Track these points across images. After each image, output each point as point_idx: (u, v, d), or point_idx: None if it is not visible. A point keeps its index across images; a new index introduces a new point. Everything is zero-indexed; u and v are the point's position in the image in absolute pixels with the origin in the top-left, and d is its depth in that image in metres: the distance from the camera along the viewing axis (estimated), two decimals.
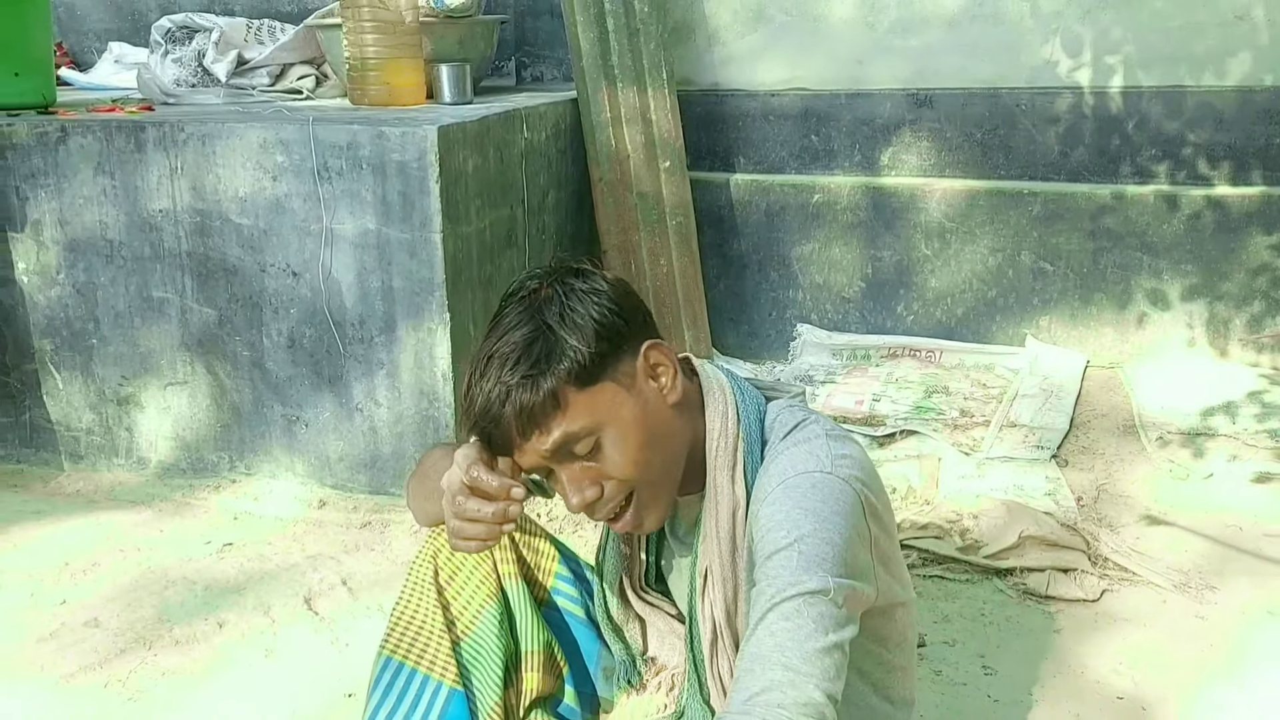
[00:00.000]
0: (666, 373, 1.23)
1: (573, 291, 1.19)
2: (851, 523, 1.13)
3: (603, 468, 1.18)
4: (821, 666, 1.03)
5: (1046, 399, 3.12)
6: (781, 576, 1.07)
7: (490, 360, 1.15)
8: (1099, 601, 2.18)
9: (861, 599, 1.14)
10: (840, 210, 3.48)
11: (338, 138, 2.44)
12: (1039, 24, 3.30)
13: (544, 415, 1.14)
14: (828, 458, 1.18)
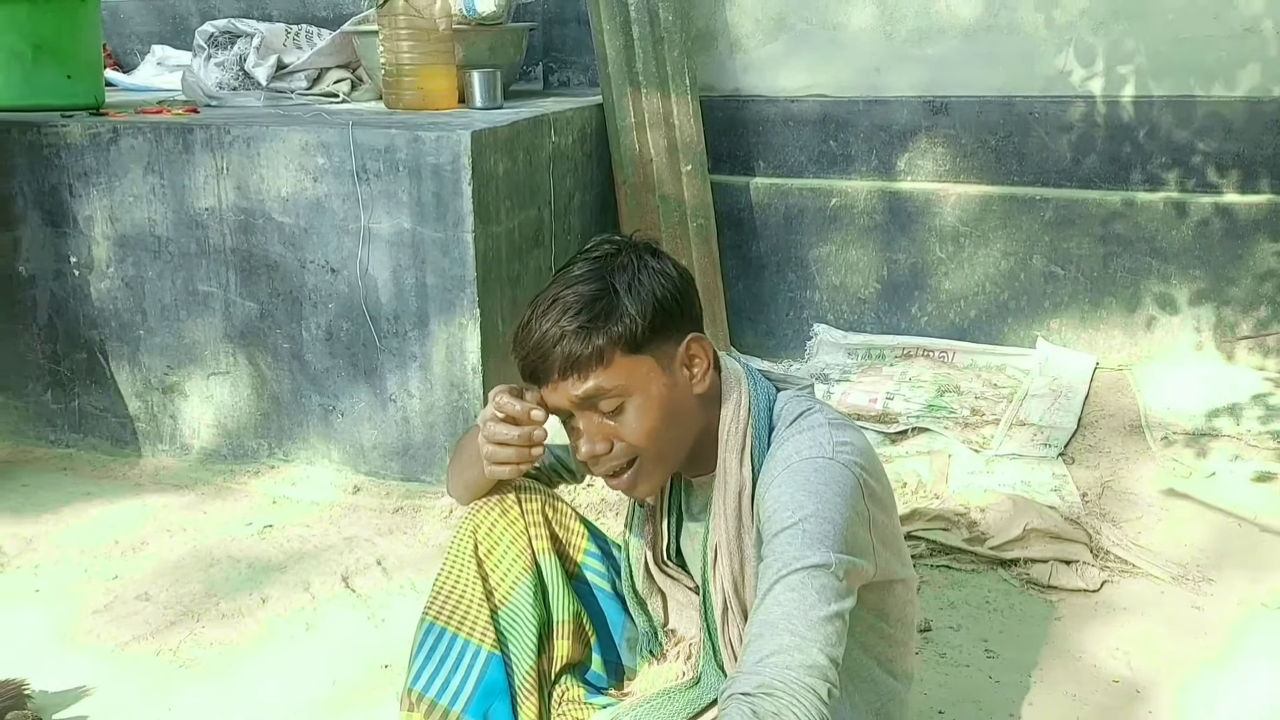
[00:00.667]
0: (700, 366, 1.34)
1: (645, 266, 1.30)
2: (851, 503, 1.24)
3: (619, 429, 1.30)
4: (824, 633, 1.13)
5: (1055, 399, 3.21)
6: (787, 552, 1.18)
7: (555, 303, 1.27)
8: (1099, 592, 2.28)
9: (861, 573, 1.24)
10: (857, 214, 3.58)
11: (376, 141, 2.56)
12: (1053, 34, 3.39)
13: (586, 365, 1.25)
14: (829, 444, 1.28)
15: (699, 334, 1.34)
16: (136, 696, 1.92)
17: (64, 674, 1.97)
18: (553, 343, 1.26)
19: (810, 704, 1.08)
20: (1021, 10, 3.40)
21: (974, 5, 3.44)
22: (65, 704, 1.89)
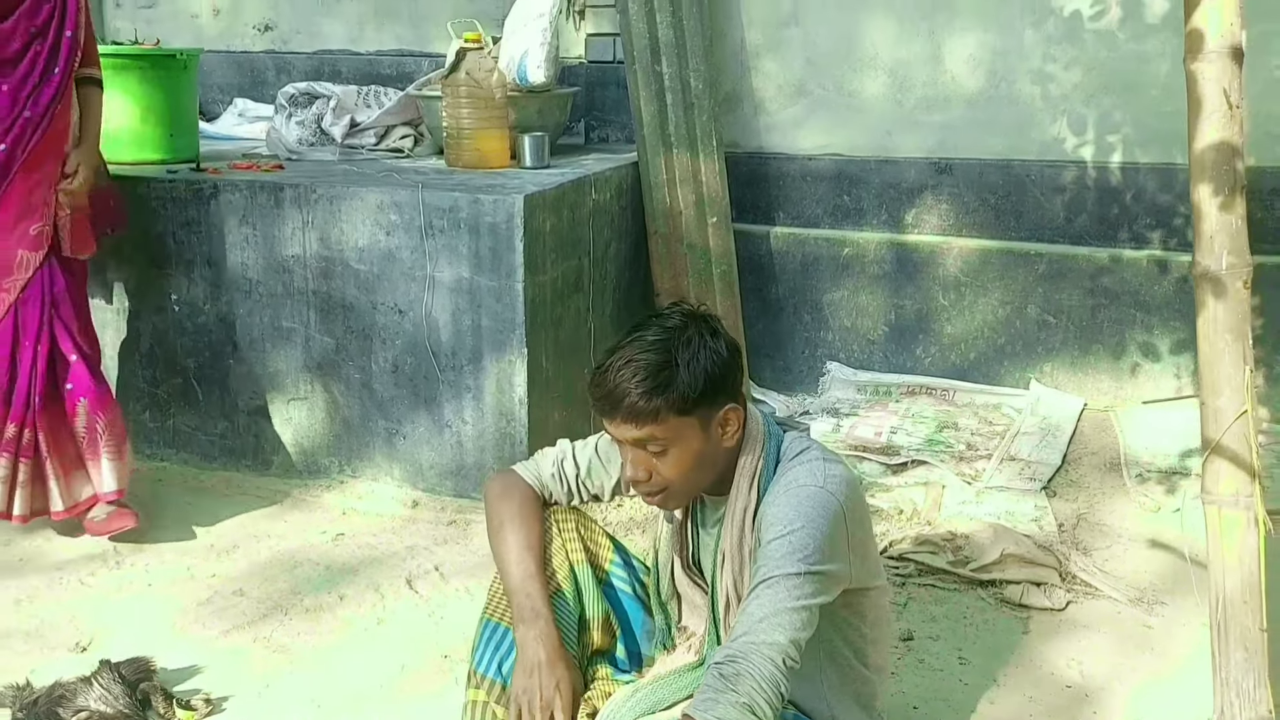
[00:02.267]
0: (732, 429, 1.67)
1: (704, 345, 1.61)
2: (832, 523, 1.59)
3: (659, 465, 1.64)
4: (788, 620, 1.49)
5: (1044, 436, 3.53)
6: (772, 559, 1.53)
7: (629, 364, 1.57)
8: (1064, 611, 2.60)
9: (836, 578, 1.59)
10: (868, 262, 3.93)
11: (442, 202, 2.95)
12: (1048, 105, 3.74)
13: (643, 419, 1.59)
14: (821, 476, 1.63)
15: (736, 405, 1.66)
16: (238, 676, 2.29)
17: (178, 655, 2.35)
18: (621, 396, 1.59)
19: (766, 669, 1.44)
20: (1020, 83, 3.75)
21: (977, 77, 3.79)
22: (182, 680, 2.27)
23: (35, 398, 2.70)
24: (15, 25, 2.61)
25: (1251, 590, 1.71)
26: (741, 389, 1.70)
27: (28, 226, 2.66)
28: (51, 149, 2.68)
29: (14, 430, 2.70)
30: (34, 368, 2.69)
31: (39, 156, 2.65)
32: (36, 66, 2.63)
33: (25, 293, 2.68)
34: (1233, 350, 1.70)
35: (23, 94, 2.62)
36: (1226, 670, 1.73)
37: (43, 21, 2.64)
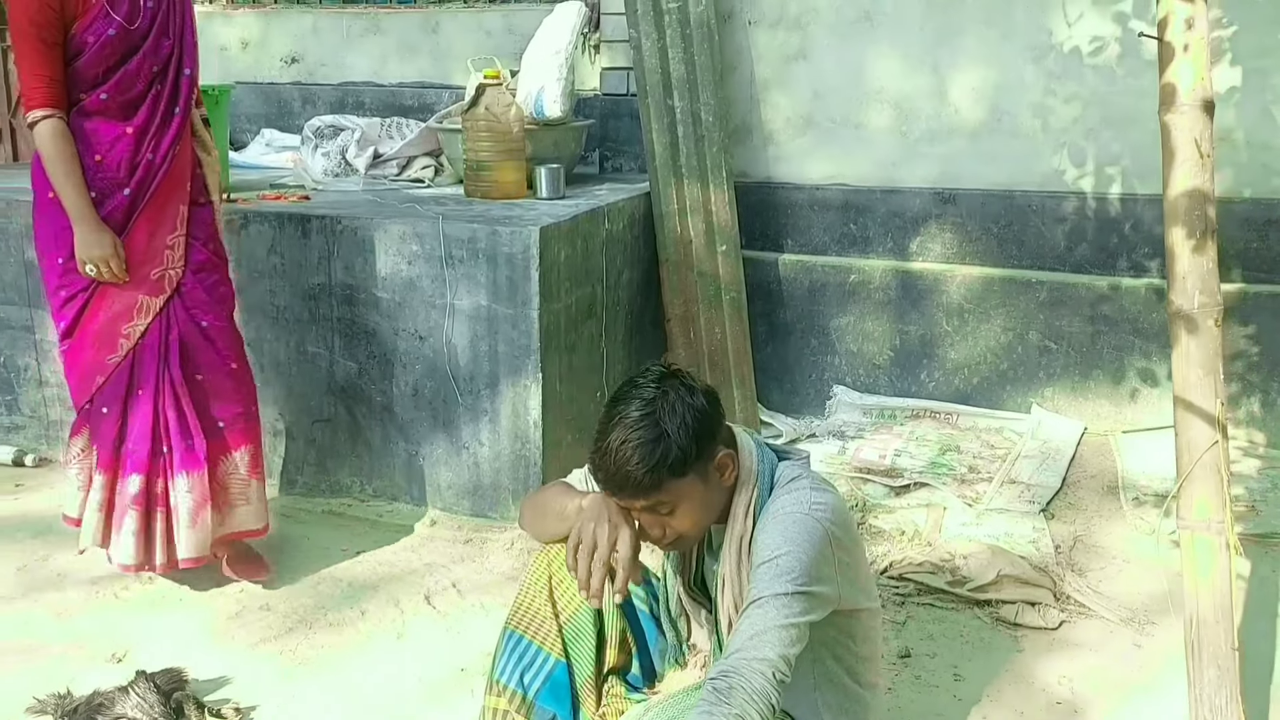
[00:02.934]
0: (729, 470, 1.79)
1: (688, 407, 1.71)
2: (819, 548, 1.70)
3: (670, 521, 1.76)
4: (778, 637, 1.60)
5: (1044, 460, 3.63)
6: (762, 581, 1.65)
7: (624, 444, 1.68)
8: (1057, 630, 2.70)
9: (824, 598, 1.70)
10: (873, 289, 4.04)
11: (461, 233, 3.08)
12: (1049, 138, 3.85)
13: (648, 491, 1.71)
14: (808, 504, 1.75)
15: (728, 449, 1.78)
16: (266, 686, 2.41)
17: (209, 666, 2.47)
18: (625, 478, 1.70)
19: (757, 682, 1.55)
20: (1021, 116, 3.86)
21: (980, 110, 3.91)
22: (212, 689, 2.40)
23: (166, 448, 2.64)
24: (140, 65, 2.54)
25: (1223, 611, 1.81)
26: (727, 429, 1.81)
27: (149, 271, 2.60)
28: (172, 192, 2.62)
29: (141, 482, 2.63)
30: (158, 416, 2.63)
31: (160, 200, 2.60)
32: (158, 108, 2.58)
33: (145, 339, 2.63)
34: (1204, 384, 1.81)
35: (146, 137, 2.56)
36: (1200, 687, 1.83)
37: (164, 60, 2.58)
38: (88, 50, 2.46)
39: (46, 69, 2.44)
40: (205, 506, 2.68)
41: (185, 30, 2.62)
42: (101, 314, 2.61)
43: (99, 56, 2.47)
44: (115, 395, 2.64)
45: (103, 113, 2.52)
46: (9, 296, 3.59)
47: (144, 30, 2.52)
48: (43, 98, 2.45)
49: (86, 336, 2.63)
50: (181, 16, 2.61)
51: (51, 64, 2.44)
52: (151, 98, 2.56)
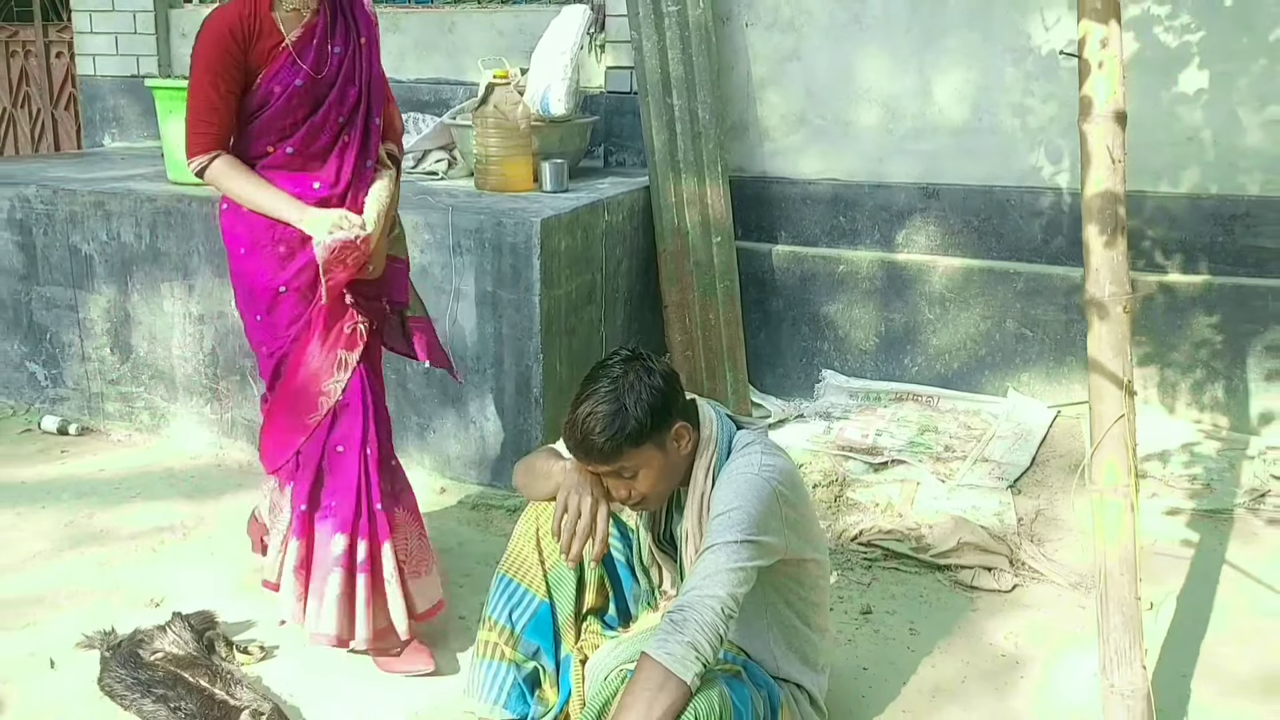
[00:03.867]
0: (684, 440, 2.03)
1: (645, 384, 1.95)
2: (766, 504, 1.95)
3: (634, 484, 2.01)
4: (727, 578, 1.85)
5: (1016, 440, 3.86)
6: (715, 531, 1.90)
7: (590, 416, 1.94)
8: (1010, 593, 2.94)
9: (770, 547, 1.95)
10: (861, 279, 4.27)
11: (469, 224, 3.34)
12: (1027, 136, 4.06)
13: (610, 457, 1.96)
14: (758, 465, 1.99)
15: (684, 422, 2.02)
16: (286, 630, 2.68)
17: (236, 611, 2.75)
18: (590, 445, 1.96)
19: (707, 616, 1.80)
20: (1001, 115, 4.08)
21: (962, 109, 4.12)
22: (240, 630, 2.68)
23: (368, 505, 2.46)
24: (326, 115, 2.38)
25: (1127, 565, 2.04)
26: (684, 405, 2.04)
27: (343, 326, 2.45)
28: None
29: (344, 542, 2.44)
30: (364, 475, 2.46)
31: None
32: (346, 158, 2.41)
33: (345, 396, 2.46)
34: (1114, 363, 2.04)
35: (335, 188, 2.40)
36: (1107, 632, 2.07)
37: (350, 109, 2.41)
38: (274, 101, 2.33)
39: (215, 117, 2.31)
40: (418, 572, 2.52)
41: (372, 78, 2.45)
42: (301, 371, 2.45)
43: (286, 108, 2.33)
44: (312, 455, 2.47)
45: (288, 167, 2.39)
46: (55, 278, 3.89)
47: (331, 78, 2.37)
48: (204, 143, 2.32)
49: (285, 396, 2.48)
50: (368, 61, 2.44)
51: (221, 113, 2.31)
52: (339, 149, 2.41)
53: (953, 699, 2.46)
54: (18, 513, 3.28)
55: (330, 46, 2.37)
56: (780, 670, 2.11)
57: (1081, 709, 2.39)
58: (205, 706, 2.28)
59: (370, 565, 2.45)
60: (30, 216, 3.87)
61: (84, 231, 3.80)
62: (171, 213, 3.67)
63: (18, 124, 6.00)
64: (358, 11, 2.45)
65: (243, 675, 2.45)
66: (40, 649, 2.58)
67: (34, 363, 4.02)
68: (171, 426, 3.86)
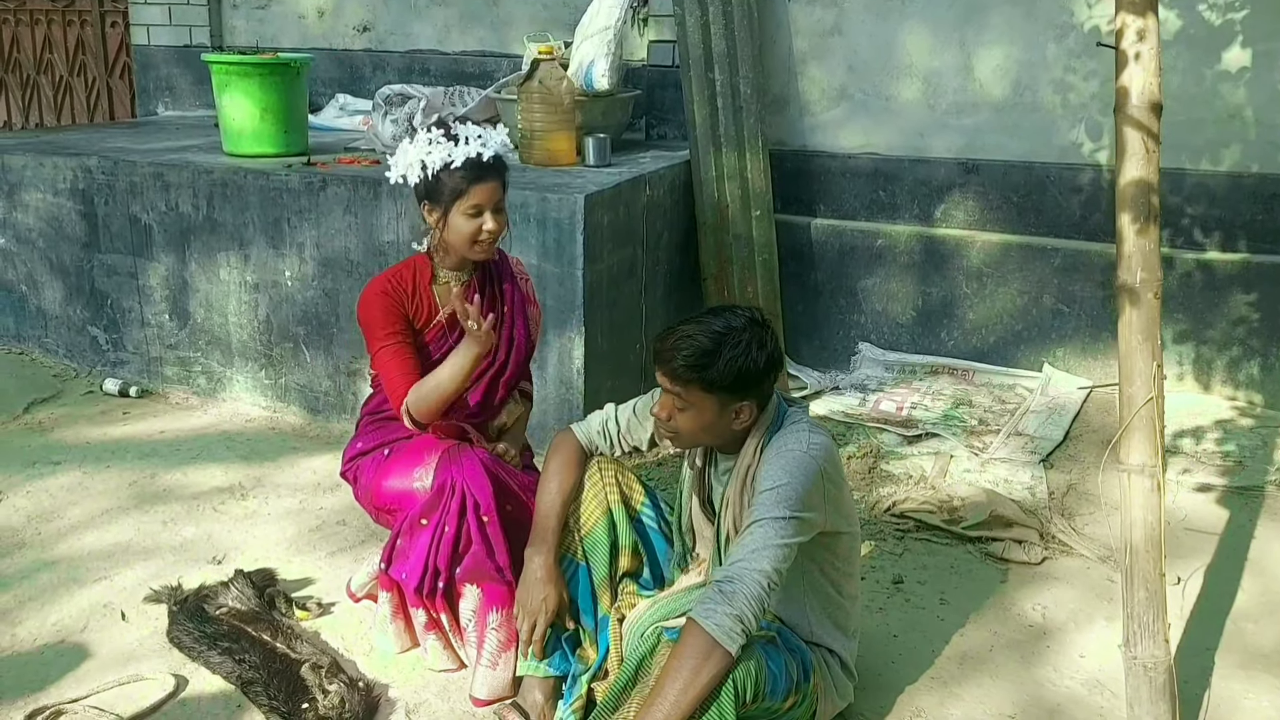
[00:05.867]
0: (743, 418, 2.08)
1: (749, 349, 1.99)
2: (812, 481, 2.03)
3: (677, 415, 2.07)
4: (773, 554, 1.94)
5: (1050, 415, 3.91)
6: (765, 504, 1.99)
7: (687, 338, 1.99)
8: (1040, 565, 3.01)
9: (812, 524, 2.04)
10: (899, 253, 4.32)
11: (514, 198, 3.41)
12: (1068, 113, 4.07)
13: (677, 381, 2.02)
14: (806, 444, 2.08)
15: (752, 404, 2.07)
16: (341, 586, 2.82)
17: (294, 569, 2.90)
18: (670, 358, 2.02)
19: (754, 589, 1.90)
20: (1042, 92, 4.09)
21: (1003, 85, 4.14)
22: (298, 588, 2.81)
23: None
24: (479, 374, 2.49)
25: (1153, 542, 2.11)
26: (766, 390, 2.09)
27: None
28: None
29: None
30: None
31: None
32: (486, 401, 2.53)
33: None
34: (1144, 348, 2.10)
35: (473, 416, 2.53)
36: (1131, 606, 2.14)
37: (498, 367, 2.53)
38: (427, 350, 2.46)
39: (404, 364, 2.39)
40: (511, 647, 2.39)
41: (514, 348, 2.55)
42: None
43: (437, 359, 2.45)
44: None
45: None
46: (116, 246, 4.03)
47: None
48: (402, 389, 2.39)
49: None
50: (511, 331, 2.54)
51: (407, 359, 2.40)
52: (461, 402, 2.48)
53: (980, 667, 2.55)
54: (84, 472, 3.44)
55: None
56: (814, 635, 2.21)
57: (1105, 680, 2.47)
58: (268, 659, 2.41)
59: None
60: (92, 187, 4.01)
61: (144, 202, 3.93)
62: (228, 185, 3.79)
63: (74, 92, 6.14)
64: (505, 282, 2.57)
65: (302, 630, 2.59)
66: (113, 601, 2.73)
67: (95, 327, 4.18)
68: (227, 390, 4.00)
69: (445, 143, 2.36)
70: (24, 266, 4.25)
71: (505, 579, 2.31)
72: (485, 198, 2.37)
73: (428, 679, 2.46)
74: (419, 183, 2.40)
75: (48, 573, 2.86)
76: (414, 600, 2.41)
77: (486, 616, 2.35)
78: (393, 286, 2.44)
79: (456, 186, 2.35)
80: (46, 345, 4.31)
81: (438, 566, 2.34)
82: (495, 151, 2.41)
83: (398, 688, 2.43)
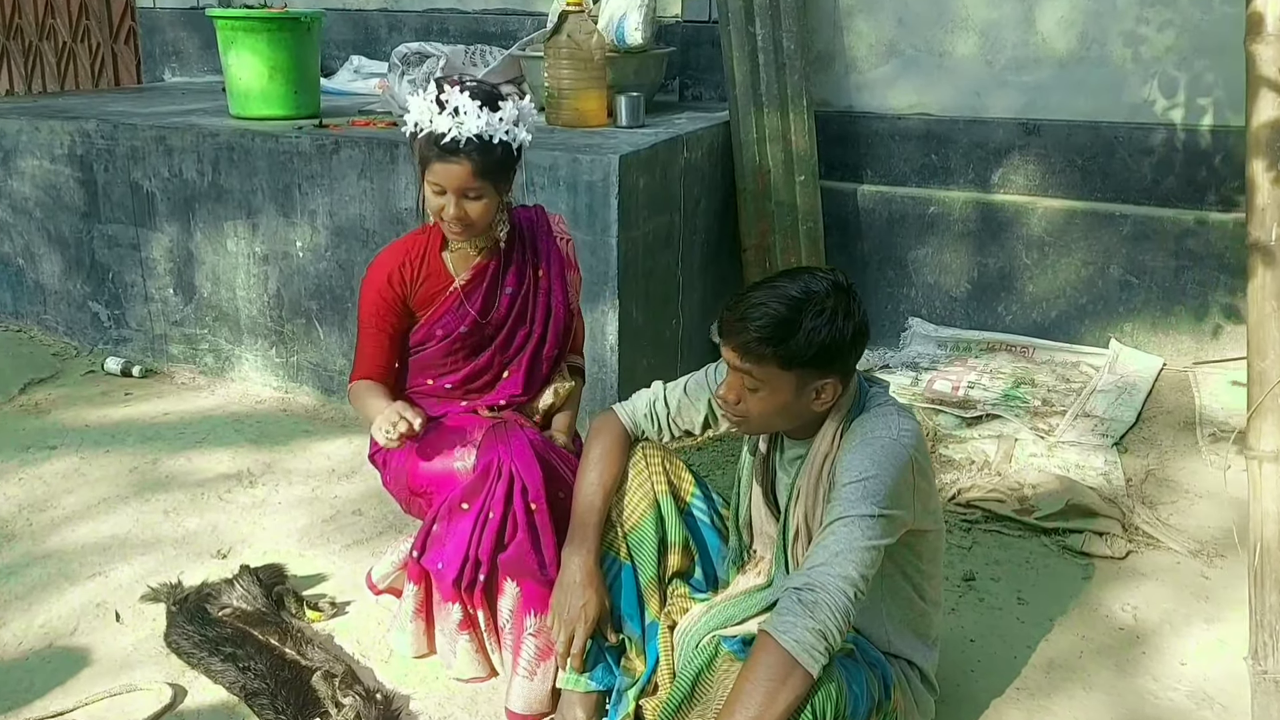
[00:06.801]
0: (825, 398, 1.80)
1: (833, 319, 1.71)
2: (901, 473, 1.75)
3: (748, 396, 1.80)
4: (860, 558, 1.67)
5: (1120, 394, 3.62)
6: (849, 500, 1.71)
7: (762, 304, 1.71)
8: (1124, 560, 2.73)
9: (900, 522, 1.76)
10: (953, 221, 4.02)
11: (543, 160, 3.15)
12: (1139, 67, 3.76)
13: (749, 356, 1.74)
14: (896, 429, 1.79)
15: (836, 381, 1.79)
16: (358, 584, 2.57)
17: (305, 564, 2.65)
18: (741, 330, 1.74)
19: (840, 600, 1.62)
20: (1111, 45, 3.77)
21: (1068, 38, 3.82)
22: (309, 585, 2.56)
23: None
24: (491, 358, 2.28)
25: None
26: (850, 366, 1.81)
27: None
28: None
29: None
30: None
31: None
32: (511, 387, 2.30)
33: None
34: (1278, 316, 1.81)
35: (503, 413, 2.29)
36: (1261, 613, 1.87)
37: (516, 350, 2.30)
38: (433, 343, 2.25)
39: (377, 353, 2.26)
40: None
41: (551, 318, 2.31)
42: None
43: (446, 350, 2.25)
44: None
45: (448, 397, 2.30)
46: (117, 216, 3.78)
47: (499, 321, 2.26)
48: (355, 375, 2.29)
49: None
50: (545, 297, 2.30)
51: (381, 350, 2.26)
52: (505, 385, 2.30)
53: (1070, 676, 2.28)
54: (82, 456, 3.21)
55: (501, 288, 2.26)
56: (891, 646, 1.94)
57: (1214, 692, 2.20)
58: (275, 667, 2.17)
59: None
60: (91, 152, 3.76)
61: (145, 168, 3.68)
62: (235, 148, 3.52)
63: (78, 59, 5.89)
64: (540, 241, 2.31)
65: (314, 634, 2.34)
66: (107, 600, 2.49)
67: (96, 303, 3.94)
68: (236, 370, 3.76)
69: (430, 106, 2.09)
70: (20, 239, 4.01)
71: (547, 577, 2.04)
72: (446, 179, 2.08)
73: (453, 690, 2.20)
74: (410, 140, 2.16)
75: (37, 568, 2.62)
76: (449, 594, 2.14)
77: (523, 620, 2.09)
78: (399, 275, 2.21)
79: (424, 156, 2.10)
80: (45, 322, 4.07)
81: (479, 557, 2.08)
82: (479, 132, 2.05)
83: (420, 699, 2.18)
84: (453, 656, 2.21)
